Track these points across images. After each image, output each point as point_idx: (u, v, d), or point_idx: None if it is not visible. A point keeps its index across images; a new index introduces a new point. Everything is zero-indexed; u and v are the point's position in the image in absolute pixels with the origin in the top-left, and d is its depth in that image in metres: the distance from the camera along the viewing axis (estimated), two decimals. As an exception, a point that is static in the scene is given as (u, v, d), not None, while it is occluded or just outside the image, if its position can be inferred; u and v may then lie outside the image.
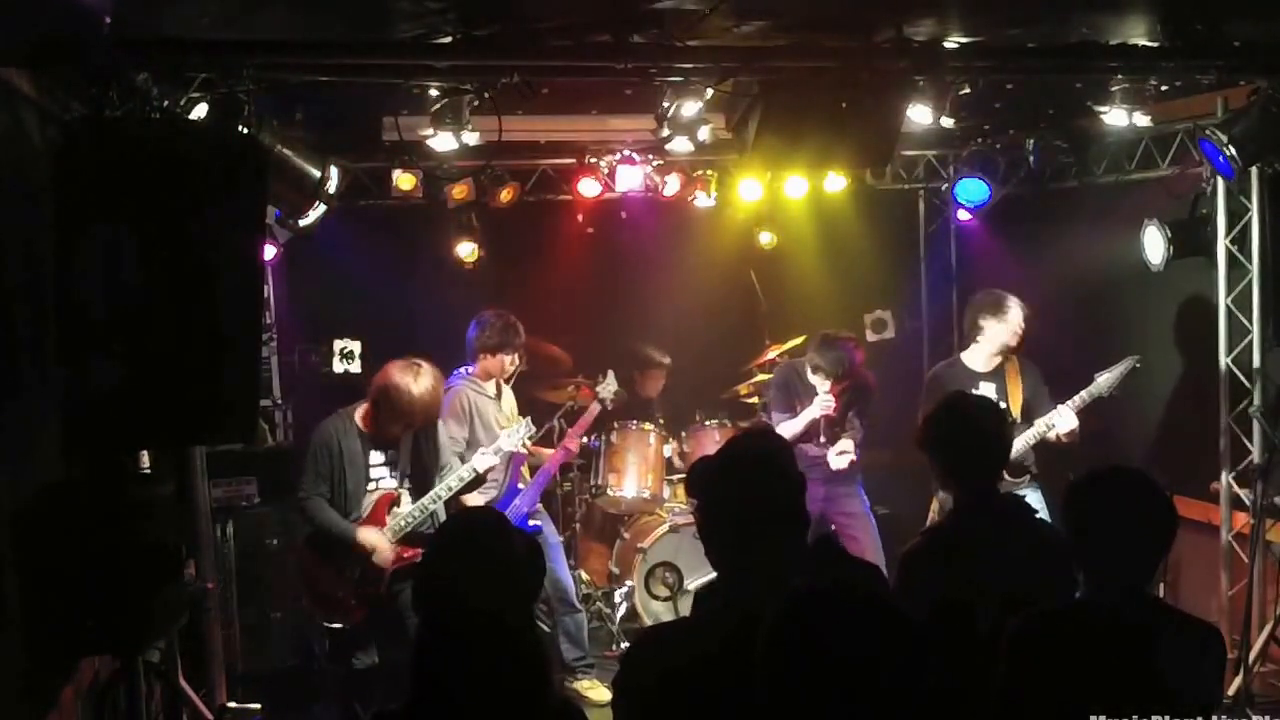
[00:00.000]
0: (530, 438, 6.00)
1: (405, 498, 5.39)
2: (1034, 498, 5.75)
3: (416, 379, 5.20)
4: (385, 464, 5.41)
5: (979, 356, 6.02)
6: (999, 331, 5.93)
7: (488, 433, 5.97)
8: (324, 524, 5.26)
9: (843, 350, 6.15)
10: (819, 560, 2.78)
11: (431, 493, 5.38)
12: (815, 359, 6.18)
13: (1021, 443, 5.75)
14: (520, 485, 6.28)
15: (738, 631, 2.21)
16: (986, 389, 5.90)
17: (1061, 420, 5.74)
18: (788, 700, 2.03)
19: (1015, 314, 5.92)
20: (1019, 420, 5.86)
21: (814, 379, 6.21)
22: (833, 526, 6.20)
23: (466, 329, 6.21)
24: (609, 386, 6.54)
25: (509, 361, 6.19)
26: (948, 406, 3.71)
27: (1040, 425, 5.79)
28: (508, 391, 6.37)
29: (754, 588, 2.51)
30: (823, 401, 6.16)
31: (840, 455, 6.21)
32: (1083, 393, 5.78)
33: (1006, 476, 5.73)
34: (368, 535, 5.24)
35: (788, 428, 6.17)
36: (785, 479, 2.75)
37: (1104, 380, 5.78)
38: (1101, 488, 2.92)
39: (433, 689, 2.34)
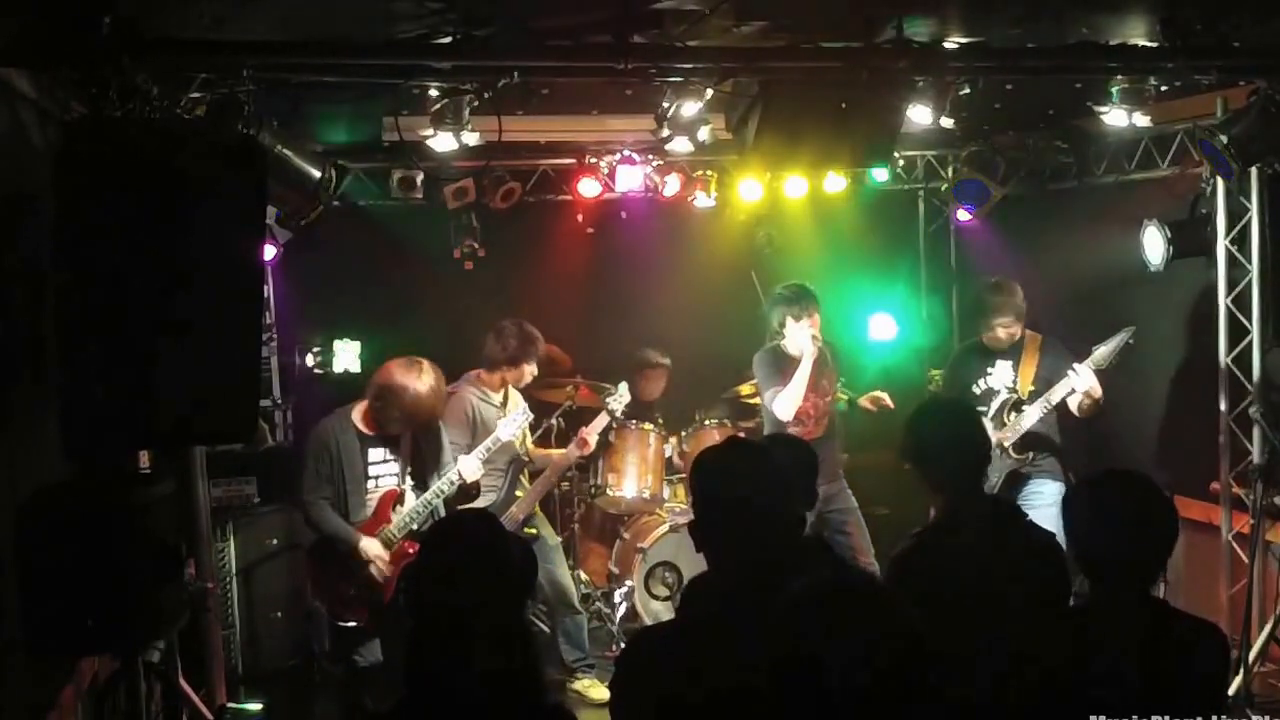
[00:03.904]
0: (526, 421, 5.98)
1: (409, 495, 5.39)
2: (1052, 488, 5.75)
3: (419, 377, 5.20)
4: (385, 461, 5.40)
5: (997, 335, 6.01)
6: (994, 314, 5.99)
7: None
8: (328, 530, 5.27)
9: (797, 285, 6.31)
10: (812, 560, 2.78)
11: (433, 488, 5.38)
12: (780, 306, 6.28)
13: (1032, 414, 5.79)
14: (518, 493, 6.26)
15: (731, 630, 2.21)
16: (1003, 365, 6.00)
17: (1080, 379, 5.64)
18: (790, 700, 2.04)
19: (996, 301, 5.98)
20: (1024, 398, 5.87)
21: (793, 328, 6.23)
22: (825, 531, 6.19)
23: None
24: (622, 399, 6.49)
25: (529, 371, 6.20)
26: (920, 415, 3.69)
27: (1059, 390, 5.72)
28: (515, 398, 6.30)
29: (747, 586, 2.51)
30: (810, 337, 6.15)
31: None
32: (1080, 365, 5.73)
33: (1013, 454, 5.82)
34: (369, 547, 5.25)
35: (790, 392, 6.13)
36: (784, 479, 2.75)
37: (1100, 353, 5.70)
38: (1102, 492, 2.91)
39: (425, 689, 2.35)
